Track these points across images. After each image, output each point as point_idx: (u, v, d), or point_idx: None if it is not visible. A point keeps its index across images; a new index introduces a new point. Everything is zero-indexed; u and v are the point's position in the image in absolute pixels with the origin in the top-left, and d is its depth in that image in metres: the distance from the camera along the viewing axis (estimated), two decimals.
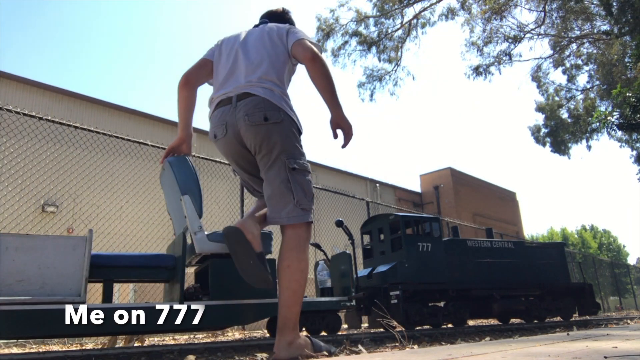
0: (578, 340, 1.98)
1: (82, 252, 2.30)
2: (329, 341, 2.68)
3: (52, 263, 2.24)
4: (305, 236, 2.13)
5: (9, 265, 2.16)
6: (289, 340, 2.07)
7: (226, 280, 2.55)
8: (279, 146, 2.11)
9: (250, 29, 2.49)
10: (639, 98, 8.19)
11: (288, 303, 2.07)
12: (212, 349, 2.37)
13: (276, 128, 2.13)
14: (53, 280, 2.22)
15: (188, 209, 2.51)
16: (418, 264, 4.59)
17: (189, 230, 2.52)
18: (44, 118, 4.42)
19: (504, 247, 5.55)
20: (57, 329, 2.21)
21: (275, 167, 2.12)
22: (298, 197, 2.10)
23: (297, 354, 2.09)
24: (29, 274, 2.19)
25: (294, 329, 2.11)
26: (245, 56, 2.29)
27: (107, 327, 2.33)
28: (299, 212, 2.09)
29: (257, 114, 2.12)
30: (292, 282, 2.06)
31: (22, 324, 2.14)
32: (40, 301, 2.16)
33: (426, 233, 4.90)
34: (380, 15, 14.37)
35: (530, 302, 5.51)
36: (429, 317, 4.53)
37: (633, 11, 9.89)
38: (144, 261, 2.71)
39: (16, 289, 2.15)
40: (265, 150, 2.12)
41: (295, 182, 2.11)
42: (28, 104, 9.29)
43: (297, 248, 2.07)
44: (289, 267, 2.05)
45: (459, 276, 4.89)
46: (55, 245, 2.28)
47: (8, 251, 2.18)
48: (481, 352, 1.56)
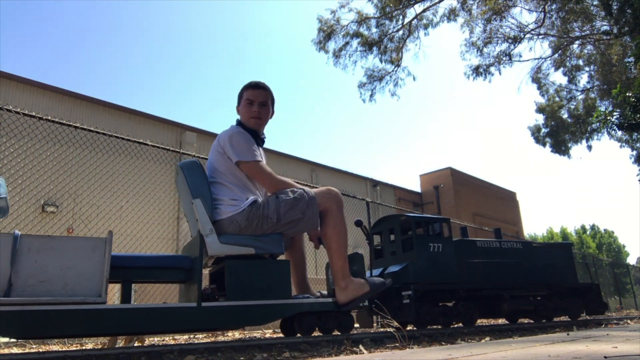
0: (578, 341, 1.98)
1: (102, 253, 2.34)
2: (329, 341, 2.69)
3: (73, 264, 2.28)
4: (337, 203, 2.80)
5: (31, 267, 2.20)
6: (342, 286, 2.70)
7: (241, 281, 2.62)
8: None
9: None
10: (639, 98, 8.19)
11: (333, 259, 2.71)
12: (212, 349, 2.37)
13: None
14: (74, 281, 2.26)
15: (199, 212, 2.59)
16: (429, 264, 4.64)
17: (201, 232, 2.57)
18: (44, 118, 4.42)
19: (512, 247, 5.59)
20: (80, 328, 2.28)
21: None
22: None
23: (354, 294, 2.70)
24: (51, 274, 2.23)
25: (344, 277, 2.70)
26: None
27: (128, 327, 2.41)
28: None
29: None
30: (332, 243, 2.70)
31: (45, 324, 2.19)
32: (63, 301, 2.21)
33: (437, 234, 4.96)
34: (381, 16, 14.36)
35: (538, 302, 5.58)
36: (440, 317, 4.60)
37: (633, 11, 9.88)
38: (162, 262, 2.77)
39: (39, 290, 2.18)
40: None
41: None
42: (28, 104, 9.30)
43: (333, 218, 2.73)
44: (326, 234, 2.73)
45: (469, 276, 4.94)
46: (75, 247, 2.31)
47: (30, 252, 2.21)
48: (481, 352, 1.56)
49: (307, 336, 2.70)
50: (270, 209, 2.62)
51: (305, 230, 2.81)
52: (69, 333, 2.36)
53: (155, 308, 2.51)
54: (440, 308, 4.68)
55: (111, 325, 2.34)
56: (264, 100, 2.86)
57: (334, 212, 2.73)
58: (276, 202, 2.65)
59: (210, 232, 2.57)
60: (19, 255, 2.18)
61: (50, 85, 10.79)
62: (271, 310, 2.63)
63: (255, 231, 2.63)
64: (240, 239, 2.62)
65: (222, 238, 2.58)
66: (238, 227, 2.60)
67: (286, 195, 2.67)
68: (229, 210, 2.61)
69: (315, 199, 2.71)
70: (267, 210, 2.62)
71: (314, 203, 2.69)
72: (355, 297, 2.70)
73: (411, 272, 4.49)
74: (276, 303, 2.64)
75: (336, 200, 2.77)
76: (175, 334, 4.53)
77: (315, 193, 2.76)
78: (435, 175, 21.51)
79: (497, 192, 24.24)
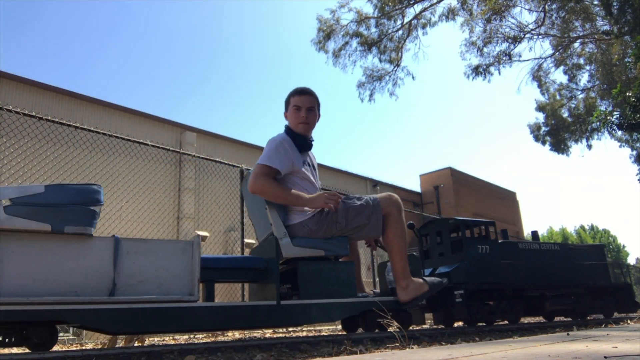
0: (578, 340, 1.98)
1: (190, 255, 2.52)
2: (329, 341, 2.70)
3: (165, 265, 2.46)
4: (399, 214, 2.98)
5: (130, 268, 2.37)
6: (403, 285, 2.89)
7: (314, 281, 2.79)
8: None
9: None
10: (639, 98, 8.19)
11: (394, 260, 2.89)
12: (212, 349, 2.37)
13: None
14: (167, 281, 2.44)
15: (273, 217, 2.77)
16: (478, 264, 4.91)
17: (276, 236, 2.75)
18: (44, 118, 4.42)
19: (550, 249, 5.94)
20: (175, 325, 2.45)
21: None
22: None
23: (415, 294, 2.90)
24: (147, 275, 2.40)
25: (405, 277, 2.89)
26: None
27: (216, 324, 2.59)
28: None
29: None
30: (394, 246, 2.88)
31: (145, 321, 2.35)
32: (162, 300, 2.38)
33: (483, 236, 5.23)
34: (380, 16, 14.35)
35: (576, 301, 5.88)
36: (488, 315, 4.90)
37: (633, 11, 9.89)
38: (240, 263, 2.98)
39: (137, 289, 2.36)
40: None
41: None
42: (28, 104, 9.29)
43: (395, 222, 2.89)
44: (388, 237, 2.90)
45: (513, 276, 5.20)
46: (166, 249, 2.49)
47: (129, 254, 2.38)
48: (481, 352, 1.56)
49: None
50: (339, 214, 2.81)
51: (370, 236, 2.99)
52: (165, 329, 2.55)
53: (241, 306, 2.70)
54: (488, 306, 4.96)
55: (202, 322, 2.50)
56: (311, 106, 2.95)
57: (395, 216, 2.91)
58: (344, 208, 2.84)
59: (284, 236, 2.75)
60: (120, 257, 2.35)
61: (50, 85, 10.77)
62: (342, 308, 2.83)
63: (325, 234, 2.82)
64: (311, 242, 2.80)
65: (294, 241, 2.76)
66: (309, 231, 2.80)
67: (353, 202, 2.89)
68: (299, 216, 2.82)
69: (380, 205, 2.89)
70: (336, 216, 2.81)
71: (378, 210, 2.87)
72: (415, 296, 2.91)
73: (462, 272, 4.75)
74: (347, 301, 2.83)
75: (396, 205, 2.95)
76: (255, 329, 4.82)
77: (379, 199, 2.93)
78: (435, 175, 21.49)
79: (497, 192, 24.22)
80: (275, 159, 2.75)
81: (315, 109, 2.99)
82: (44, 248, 2.23)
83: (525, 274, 5.32)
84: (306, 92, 2.96)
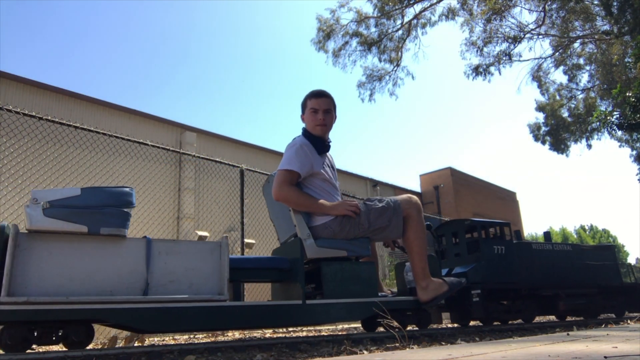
0: (578, 340, 1.98)
1: (218, 255, 2.58)
2: (329, 341, 2.70)
3: (195, 265, 2.51)
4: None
5: (162, 268, 2.43)
6: (423, 285, 2.94)
7: (337, 281, 2.84)
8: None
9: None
10: (639, 98, 8.18)
11: (414, 261, 2.94)
12: (212, 349, 2.37)
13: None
14: (197, 281, 2.50)
15: (297, 218, 2.84)
16: (494, 264, 4.99)
17: (300, 237, 2.81)
18: (44, 118, 4.42)
19: (563, 249, 6.02)
20: (206, 324, 2.50)
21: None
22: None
23: (434, 293, 2.94)
24: (178, 275, 2.47)
25: (425, 277, 2.94)
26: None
27: (245, 323, 2.66)
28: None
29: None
30: (414, 247, 2.93)
31: (177, 320, 2.40)
32: (194, 299, 2.44)
33: (499, 237, 5.32)
34: (380, 15, 14.34)
35: (589, 301, 5.98)
36: (504, 314, 5.02)
37: (633, 11, 9.88)
38: (265, 263, 3.03)
39: (169, 289, 2.43)
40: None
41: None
42: (28, 104, 9.28)
43: (415, 224, 2.95)
44: (408, 238, 2.95)
45: (528, 276, 5.29)
46: (195, 250, 2.55)
47: (160, 255, 2.44)
48: (481, 352, 1.56)
49: (307, 337, 2.79)
50: (362, 216, 2.88)
51: (390, 237, 3.04)
52: (196, 328, 2.58)
53: (269, 305, 2.73)
54: (504, 306, 5.05)
55: (232, 320, 2.57)
56: (328, 108, 3.00)
57: (415, 217, 2.97)
58: (366, 210, 2.91)
59: (307, 237, 2.82)
60: (152, 257, 2.41)
61: (50, 85, 10.76)
62: (365, 307, 2.87)
63: (347, 235, 2.88)
64: (335, 243, 2.87)
65: (318, 242, 2.83)
66: (332, 232, 2.85)
67: (375, 204, 2.95)
68: (323, 217, 2.86)
69: (401, 207, 2.96)
70: (358, 218, 2.87)
71: (399, 212, 2.94)
72: (435, 296, 2.96)
73: (479, 272, 4.83)
74: (369, 300, 2.88)
75: (416, 207, 3.01)
76: (281, 327, 4.88)
77: (399, 201, 3.00)
78: (435, 175, 21.48)
79: (497, 192, 24.20)
80: (295, 162, 2.81)
81: (332, 111, 3.04)
82: (81, 249, 2.29)
83: (539, 274, 5.42)
84: (323, 94, 3.01)
